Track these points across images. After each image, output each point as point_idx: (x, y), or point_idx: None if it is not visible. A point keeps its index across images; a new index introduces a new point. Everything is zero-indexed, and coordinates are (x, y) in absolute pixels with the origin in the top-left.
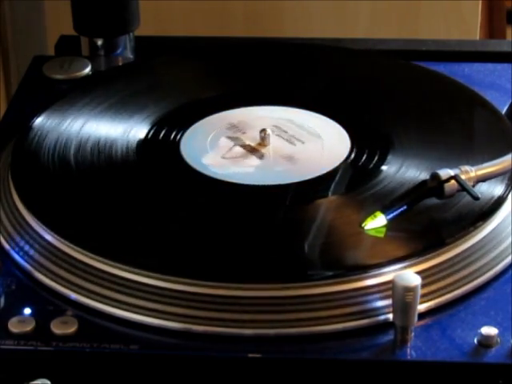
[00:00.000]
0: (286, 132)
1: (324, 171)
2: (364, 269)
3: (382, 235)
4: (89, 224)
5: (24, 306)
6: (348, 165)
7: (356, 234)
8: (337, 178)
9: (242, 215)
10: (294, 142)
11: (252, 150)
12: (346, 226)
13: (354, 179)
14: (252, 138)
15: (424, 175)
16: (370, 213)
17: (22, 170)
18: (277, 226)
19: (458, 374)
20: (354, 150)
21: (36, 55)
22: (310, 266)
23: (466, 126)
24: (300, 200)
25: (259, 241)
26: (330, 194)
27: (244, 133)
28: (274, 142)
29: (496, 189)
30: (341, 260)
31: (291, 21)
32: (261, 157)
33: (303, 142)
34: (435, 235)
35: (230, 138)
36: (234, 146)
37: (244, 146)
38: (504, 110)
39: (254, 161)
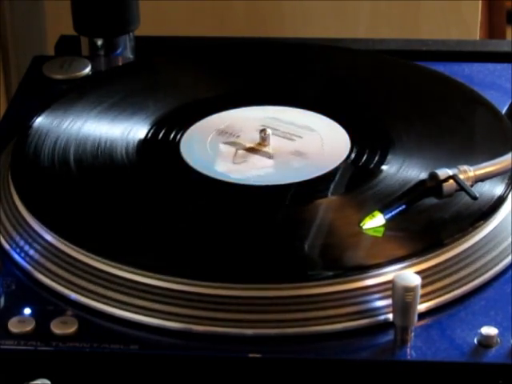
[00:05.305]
0: (277, 130)
1: (324, 171)
2: (364, 269)
3: (380, 235)
4: (89, 224)
5: (24, 306)
6: (348, 165)
7: (356, 234)
8: (337, 178)
9: (242, 215)
10: (292, 138)
11: (256, 151)
12: (346, 226)
13: (354, 179)
14: (249, 140)
15: (424, 175)
16: (369, 213)
17: (22, 169)
18: (277, 226)
19: (458, 374)
20: (354, 150)
21: (36, 55)
22: (310, 266)
23: (466, 126)
24: (300, 200)
25: (259, 241)
26: (329, 194)
27: (238, 136)
28: (273, 140)
29: (496, 189)
30: (341, 260)
31: (291, 21)
32: (269, 156)
33: (301, 137)
34: (435, 235)
35: (227, 143)
36: (237, 150)
37: (246, 149)
38: (504, 110)
39: (264, 161)
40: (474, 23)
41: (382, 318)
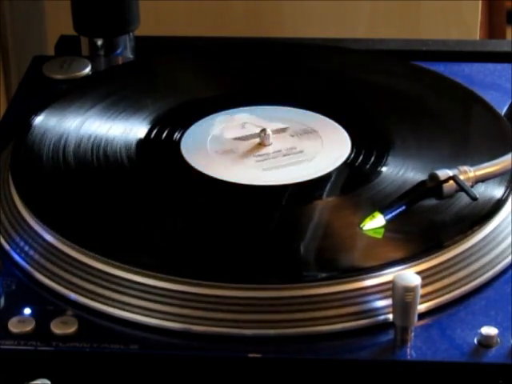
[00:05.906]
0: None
1: (324, 172)
2: (364, 270)
3: (380, 235)
4: (89, 224)
5: (24, 306)
6: (348, 166)
7: (356, 235)
8: (337, 179)
9: (242, 215)
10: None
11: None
12: (348, 227)
13: (354, 180)
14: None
15: (424, 176)
16: (369, 214)
17: (22, 169)
18: (278, 227)
19: (458, 374)
20: (354, 150)
21: (36, 55)
22: (310, 267)
23: (466, 127)
24: (301, 200)
25: (259, 241)
26: (330, 194)
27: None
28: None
29: (496, 190)
30: (341, 261)
31: (291, 21)
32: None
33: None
34: (435, 236)
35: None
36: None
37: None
38: (504, 110)
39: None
40: (474, 23)
41: (382, 318)
